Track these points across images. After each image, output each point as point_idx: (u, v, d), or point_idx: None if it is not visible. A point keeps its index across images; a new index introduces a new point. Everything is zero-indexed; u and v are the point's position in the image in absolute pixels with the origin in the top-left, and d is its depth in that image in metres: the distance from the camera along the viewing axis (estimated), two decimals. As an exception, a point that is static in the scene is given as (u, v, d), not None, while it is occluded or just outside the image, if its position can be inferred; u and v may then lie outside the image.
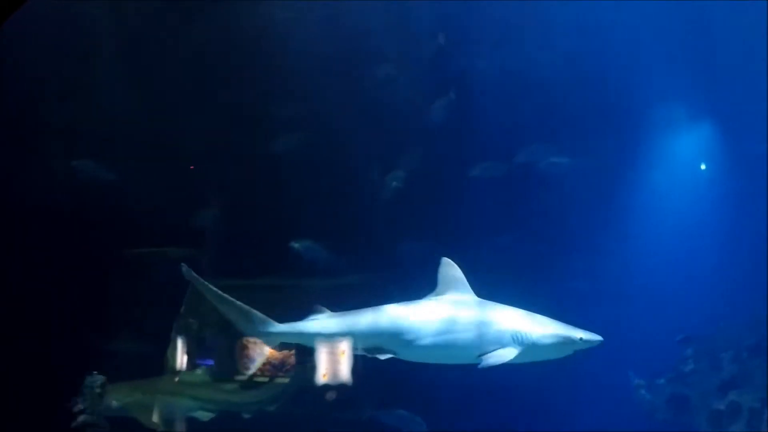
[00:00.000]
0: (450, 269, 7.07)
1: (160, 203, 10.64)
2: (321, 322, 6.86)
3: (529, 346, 6.70)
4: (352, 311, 6.84)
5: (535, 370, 8.32)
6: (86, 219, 10.42)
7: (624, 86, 11.87)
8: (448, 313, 6.71)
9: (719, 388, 11.09)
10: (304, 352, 11.40)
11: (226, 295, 6.52)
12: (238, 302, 6.51)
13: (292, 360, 11.72)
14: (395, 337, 6.63)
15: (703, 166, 13.21)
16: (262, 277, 11.25)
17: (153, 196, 10.58)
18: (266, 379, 11.39)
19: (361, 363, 11.49)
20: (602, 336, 7.01)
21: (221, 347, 11.57)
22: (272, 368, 11.67)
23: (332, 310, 7.81)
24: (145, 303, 10.89)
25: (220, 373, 11.55)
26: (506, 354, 6.59)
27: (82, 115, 10.46)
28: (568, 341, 6.79)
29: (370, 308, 6.70)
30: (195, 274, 6.40)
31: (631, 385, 11.75)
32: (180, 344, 11.27)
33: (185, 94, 10.70)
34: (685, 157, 12.84)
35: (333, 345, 6.68)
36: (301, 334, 6.82)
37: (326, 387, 11.52)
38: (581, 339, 6.76)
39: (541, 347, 6.76)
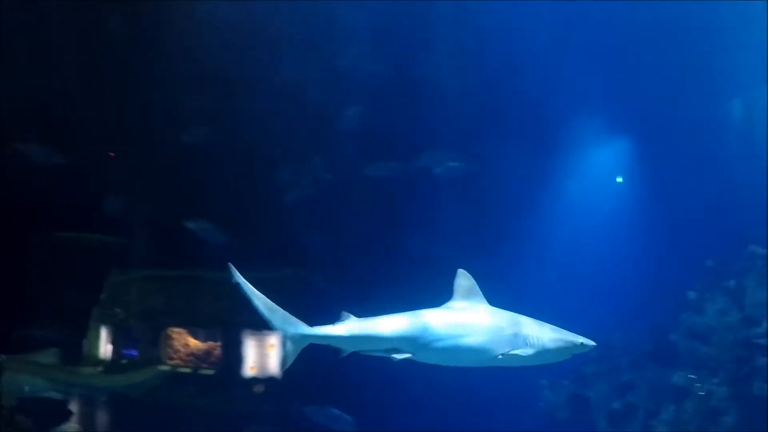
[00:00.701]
0: (464, 279, 7.37)
1: (81, 190, 10.78)
2: (348, 325, 6.96)
3: (539, 350, 7.00)
4: (375, 317, 7.05)
5: (448, 369, 8.79)
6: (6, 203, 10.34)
7: (543, 98, 12.25)
8: (464, 319, 6.98)
9: (617, 390, 11.68)
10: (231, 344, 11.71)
11: (262, 295, 6.72)
12: (274, 304, 6.72)
13: (217, 351, 11.85)
14: (416, 340, 6.83)
15: (619, 179, 13.82)
16: (180, 268, 11.20)
17: (74, 183, 10.70)
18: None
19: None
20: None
21: (144, 336, 11.64)
22: (196, 359, 11.77)
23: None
24: (64, 289, 10.92)
25: (141, 360, 11.59)
26: (519, 355, 6.92)
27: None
28: (571, 346, 7.11)
29: (392, 314, 6.99)
30: (237, 272, 6.58)
31: (534, 385, 12.16)
32: (100, 332, 11.26)
33: (105, 84, 10.94)
34: (601, 169, 13.36)
35: (358, 347, 6.95)
36: (329, 337, 6.96)
37: (254, 380, 11.73)
38: (581, 344, 7.11)
39: (549, 351, 7.05)
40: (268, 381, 11.81)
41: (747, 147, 13.16)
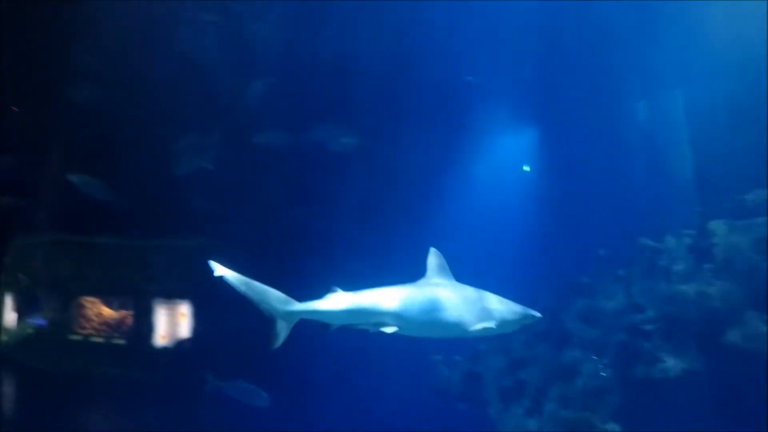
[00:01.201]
0: (436, 258, 8.09)
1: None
2: (334, 300, 7.35)
3: (502, 322, 7.72)
4: (359, 291, 7.47)
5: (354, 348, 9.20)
6: None
7: (453, 82, 12.58)
8: (443, 294, 7.62)
9: (509, 367, 12.21)
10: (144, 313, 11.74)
11: (247, 279, 7.06)
12: (261, 284, 7.10)
13: (129, 320, 11.91)
14: (401, 314, 7.36)
15: (526, 168, 14.29)
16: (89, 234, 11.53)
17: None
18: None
19: (203, 332, 11.72)
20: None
21: (53, 304, 11.62)
22: (109, 328, 11.82)
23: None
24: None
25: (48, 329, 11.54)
26: (488, 327, 7.60)
27: None
28: (525, 317, 7.93)
29: (374, 288, 7.48)
30: (218, 265, 6.92)
31: (430, 362, 12.64)
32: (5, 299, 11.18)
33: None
34: (507, 156, 13.78)
35: (346, 321, 7.35)
36: (317, 312, 7.34)
37: (164, 353, 11.77)
38: (533, 315, 7.93)
39: (509, 322, 7.82)
40: (182, 353, 11.93)
41: (647, 148, 13.84)
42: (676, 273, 11.72)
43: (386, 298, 7.44)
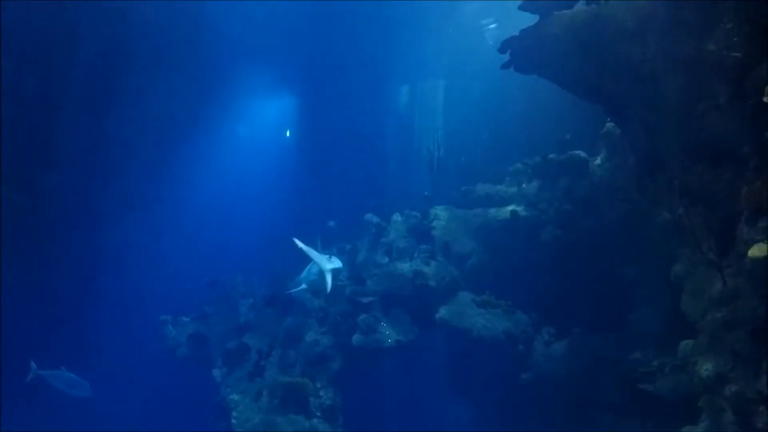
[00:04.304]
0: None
1: None
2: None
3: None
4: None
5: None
6: None
7: (217, 42, 12.47)
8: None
9: (235, 331, 12.37)
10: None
11: (309, 247, 9.37)
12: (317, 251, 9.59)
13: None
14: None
15: (287, 133, 14.48)
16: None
17: None
18: None
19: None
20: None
21: None
22: None
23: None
24: None
25: None
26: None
27: None
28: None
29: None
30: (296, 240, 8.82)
31: (159, 321, 12.54)
32: None
33: None
34: (271, 121, 13.98)
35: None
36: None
37: None
38: None
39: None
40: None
41: (401, 127, 14.67)
42: (397, 250, 12.52)
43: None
